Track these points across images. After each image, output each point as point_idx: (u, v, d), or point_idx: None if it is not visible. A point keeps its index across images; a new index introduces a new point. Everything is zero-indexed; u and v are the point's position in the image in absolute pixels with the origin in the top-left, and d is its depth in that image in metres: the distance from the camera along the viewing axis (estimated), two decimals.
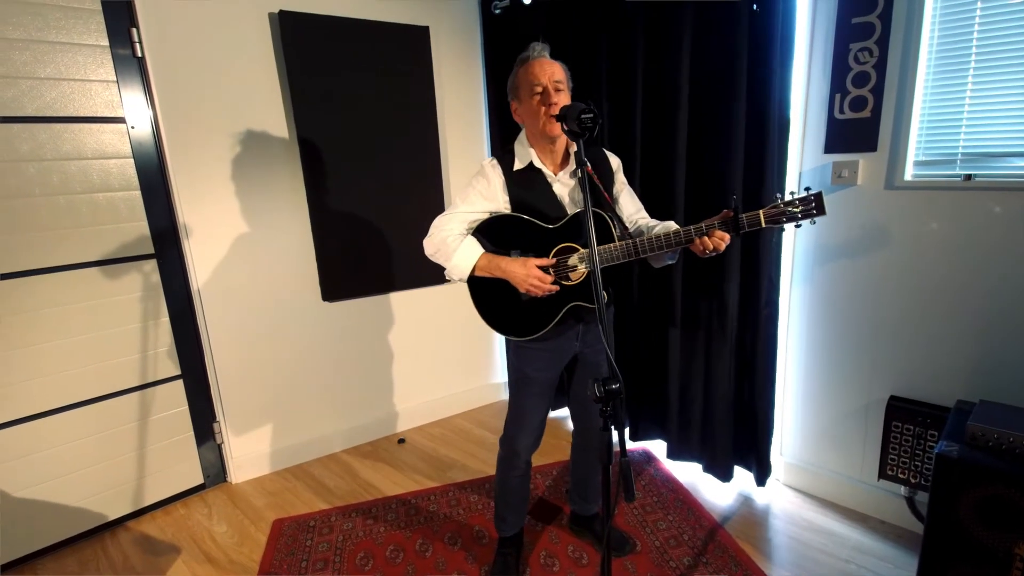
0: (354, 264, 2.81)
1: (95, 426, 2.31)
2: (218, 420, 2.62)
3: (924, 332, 2.01)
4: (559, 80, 1.62)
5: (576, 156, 1.35)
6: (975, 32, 1.78)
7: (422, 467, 2.79)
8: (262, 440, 2.76)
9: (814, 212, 1.51)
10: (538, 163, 1.70)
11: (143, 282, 2.36)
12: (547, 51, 1.65)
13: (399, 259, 2.91)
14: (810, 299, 2.26)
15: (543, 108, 1.60)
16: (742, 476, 2.49)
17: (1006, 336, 1.84)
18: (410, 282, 3.01)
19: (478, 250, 1.69)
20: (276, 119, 2.57)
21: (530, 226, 1.70)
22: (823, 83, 2.07)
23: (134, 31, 2.21)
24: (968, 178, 1.85)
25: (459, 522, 2.33)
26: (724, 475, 2.45)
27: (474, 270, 1.69)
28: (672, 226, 1.70)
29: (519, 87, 1.67)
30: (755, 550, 2.09)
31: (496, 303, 1.75)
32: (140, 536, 2.35)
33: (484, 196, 1.71)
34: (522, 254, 1.70)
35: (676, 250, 1.64)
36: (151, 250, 2.36)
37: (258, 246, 2.60)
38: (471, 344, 3.37)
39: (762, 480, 2.39)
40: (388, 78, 2.73)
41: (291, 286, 2.71)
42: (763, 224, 1.54)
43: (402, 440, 3.07)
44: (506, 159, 1.73)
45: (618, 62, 2.50)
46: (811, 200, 1.51)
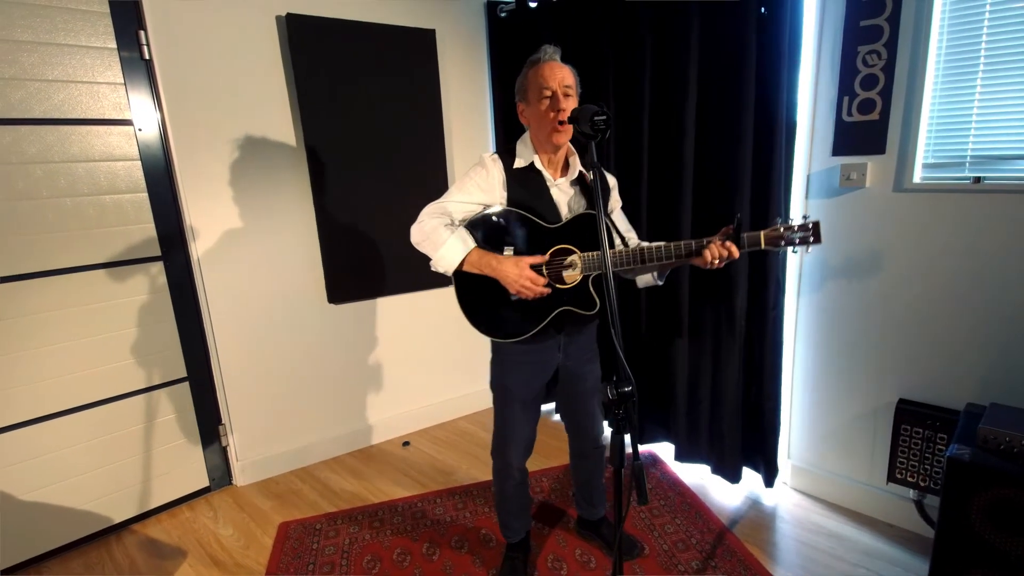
0: (360, 267, 2.81)
1: (101, 429, 2.31)
2: (223, 423, 2.62)
3: (933, 335, 2.01)
4: (569, 85, 1.60)
5: (587, 159, 1.35)
6: (984, 34, 1.78)
7: (427, 470, 2.78)
8: (267, 443, 2.75)
9: (811, 240, 1.58)
10: (539, 165, 1.68)
11: (149, 284, 2.36)
12: (558, 55, 1.63)
13: (405, 261, 2.90)
14: (818, 302, 2.25)
15: (551, 113, 1.59)
16: (749, 478, 2.49)
17: (1015, 339, 1.84)
18: (416, 285, 3.00)
19: (470, 243, 1.62)
20: (283, 122, 2.57)
21: (528, 223, 1.66)
22: (831, 86, 2.07)
23: (142, 33, 2.21)
24: (977, 181, 1.85)
25: (465, 526, 2.32)
26: (733, 476, 2.45)
27: (463, 264, 1.62)
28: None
29: (528, 89, 1.64)
30: (763, 554, 2.09)
31: (481, 300, 1.69)
32: (146, 539, 2.34)
33: (481, 188, 1.67)
34: (516, 252, 1.65)
35: (666, 269, 1.69)
36: (158, 252, 2.36)
37: (264, 248, 2.59)
38: (476, 347, 3.36)
39: (770, 481, 2.38)
40: (394, 81, 2.74)
41: (297, 288, 2.71)
42: (763, 245, 1.60)
43: (407, 443, 3.06)
44: (507, 156, 1.70)
45: (625, 65, 2.50)
46: (809, 227, 1.58)
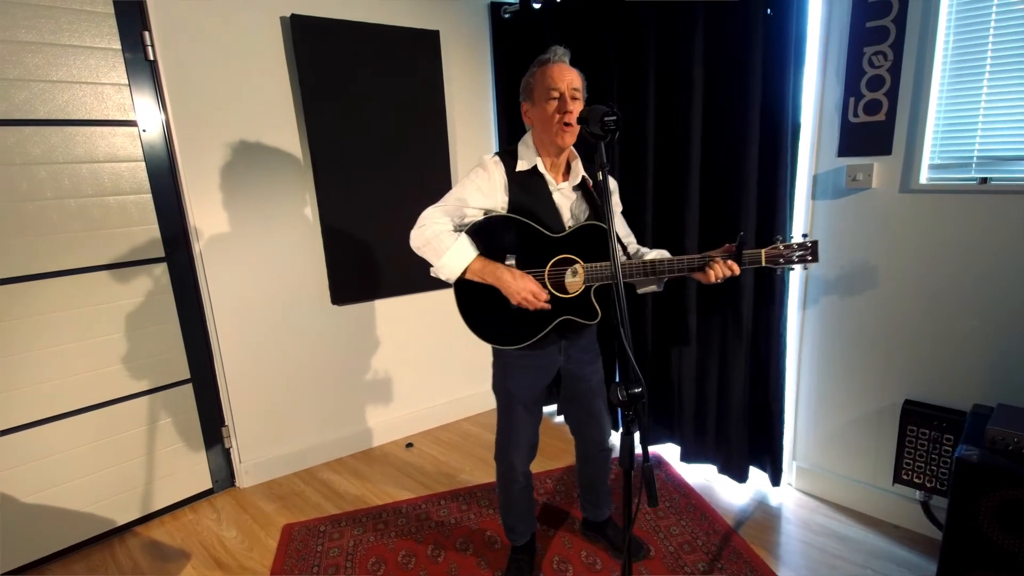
0: (363, 268, 2.80)
1: (104, 431, 2.30)
2: (226, 424, 2.61)
3: (939, 335, 2.00)
4: (576, 88, 1.58)
5: (597, 159, 1.34)
6: (991, 35, 1.78)
7: (431, 472, 2.77)
8: (271, 444, 2.75)
9: (808, 259, 1.63)
10: (542, 168, 1.66)
11: (153, 286, 2.35)
12: (568, 56, 1.61)
13: (408, 263, 2.85)
14: (824, 303, 2.25)
15: (557, 116, 1.57)
16: (755, 478, 2.49)
17: (1022, 339, 1.84)
18: (419, 286, 3.00)
19: (472, 252, 1.59)
20: (287, 122, 2.56)
21: (530, 232, 1.64)
22: (837, 87, 2.07)
23: (146, 34, 2.21)
24: (984, 181, 1.85)
25: (470, 528, 2.31)
26: (740, 476, 2.45)
27: (465, 272, 1.60)
28: (665, 254, 1.76)
29: (534, 89, 1.62)
30: (769, 555, 2.08)
31: (482, 307, 1.67)
32: (149, 541, 2.33)
33: (482, 191, 1.64)
34: (518, 260, 1.64)
35: (665, 278, 1.73)
36: (161, 254, 2.36)
37: (268, 249, 2.59)
38: (478, 349, 3.31)
39: (777, 480, 2.38)
40: (398, 82, 2.74)
41: (300, 289, 2.70)
42: (763, 263, 1.63)
43: (410, 444, 3.05)
44: (508, 158, 1.68)
45: (629, 67, 2.50)
46: (807, 247, 1.63)
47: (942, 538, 1.68)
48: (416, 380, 3.15)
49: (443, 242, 1.58)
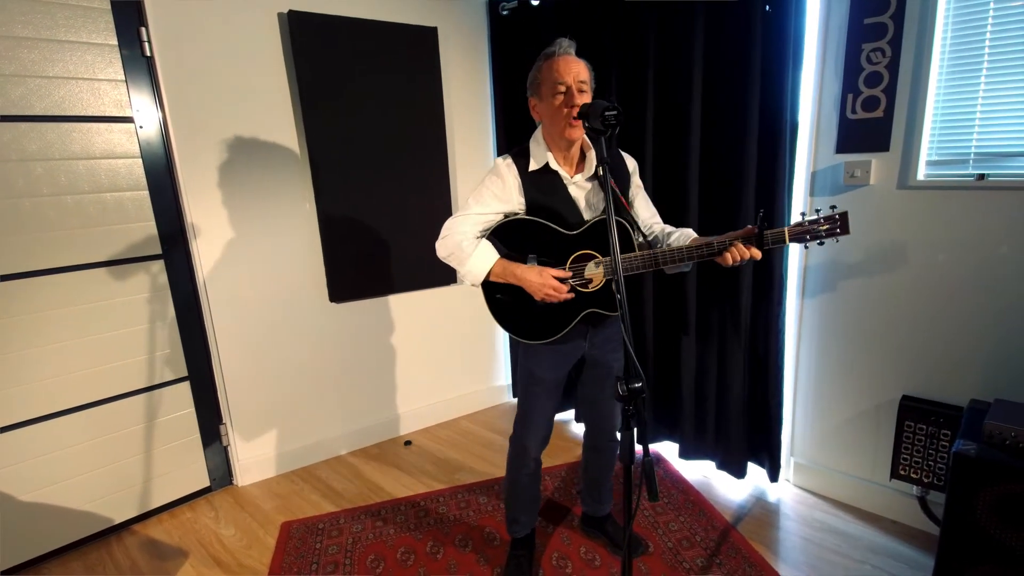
0: (361, 265, 2.80)
1: (101, 428, 2.29)
2: (224, 422, 2.60)
3: (936, 331, 2.01)
4: (583, 80, 1.57)
5: (596, 155, 1.34)
6: (988, 31, 1.79)
7: (430, 469, 2.77)
8: (269, 442, 2.74)
9: (838, 231, 1.54)
10: (554, 164, 1.66)
11: (150, 283, 2.34)
12: (573, 48, 1.60)
13: (406, 260, 2.90)
14: (822, 299, 2.26)
15: (565, 109, 1.56)
16: (753, 474, 2.49)
17: (1019, 334, 1.85)
18: (417, 283, 3.00)
19: (493, 255, 1.65)
20: (285, 119, 2.55)
21: (548, 231, 1.67)
22: (835, 83, 2.07)
23: (143, 30, 2.19)
24: (981, 178, 1.86)
25: (469, 524, 2.31)
26: (738, 471, 2.46)
27: (488, 275, 1.65)
28: (690, 233, 1.71)
29: (541, 83, 1.61)
30: (768, 551, 2.09)
31: (510, 306, 1.72)
32: (147, 540, 2.32)
33: (498, 197, 1.67)
34: (539, 259, 1.67)
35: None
36: (158, 250, 2.34)
37: (265, 246, 2.58)
38: (477, 346, 3.36)
39: (775, 476, 2.39)
40: (396, 79, 2.73)
41: (298, 287, 2.70)
42: (787, 241, 1.56)
43: (408, 442, 3.05)
44: (521, 159, 1.69)
45: (628, 64, 2.50)
46: (836, 219, 1.54)
47: (940, 533, 1.68)
48: (414, 378, 3.15)
49: (465, 250, 1.64)
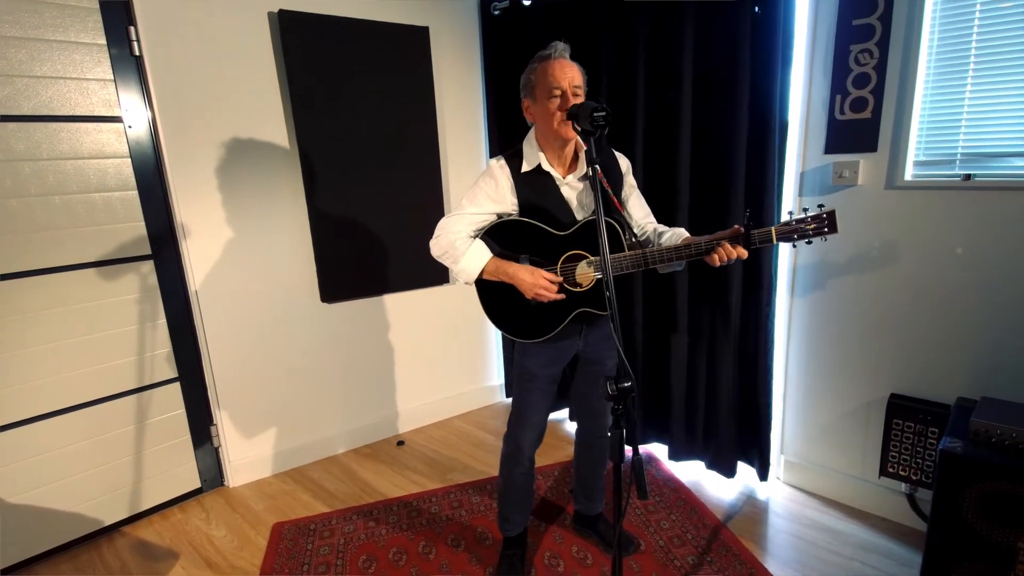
0: (353, 265, 2.79)
1: (91, 430, 2.27)
2: (215, 423, 2.59)
3: (924, 330, 2.03)
4: (578, 85, 1.58)
5: (587, 156, 1.35)
6: (975, 33, 1.80)
7: (422, 469, 2.77)
8: (260, 443, 2.73)
9: (826, 230, 1.53)
10: (547, 166, 1.68)
11: (140, 283, 2.33)
12: (568, 52, 1.61)
13: (398, 260, 2.90)
14: (811, 298, 2.27)
15: (559, 112, 1.57)
16: (743, 473, 2.51)
17: (1005, 333, 1.87)
18: (409, 283, 3.00)
19: (486, 254, 1.67)
20: (275, 118, 2.55)
21: (539, 232, 1.69)
22: (824, 84, 2.08)
23: (132, 30, 2.18)
24: (967, 178, 1.88)
25: (462, 524, 2.31)
26: (728, 471, 2.47)
27: (482, 273, 1.68)
28: (682, 233, 1.72)
29: (535, 85, 1.62)
30: (758, 548, 2.10)
31: (503, 305, 1.74)
32: (137, 541, 2.31)
33: (491, 198, 1.69)
34: (531, 259, 1.69)
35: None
36: (148, 251, 2.33)
37: (256, 247, 2.57)
38: (469, 346, 3.36)
39: (764, 475, 2.41)
40: (388, 78, 2.72)
41: (289, 287, 2.69)
42: (774, 240, 1.57)
43: (401, 442, 3.05)
44: (514, 160, 1.70)
45: (619, 63, 2.51)
46: (824, 217, 1.53)
47: (927, 530, 1.70)
48: (407, 378, 3.15)
49: (459, 248, 1.66)
